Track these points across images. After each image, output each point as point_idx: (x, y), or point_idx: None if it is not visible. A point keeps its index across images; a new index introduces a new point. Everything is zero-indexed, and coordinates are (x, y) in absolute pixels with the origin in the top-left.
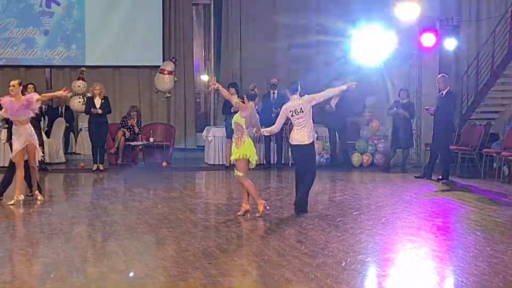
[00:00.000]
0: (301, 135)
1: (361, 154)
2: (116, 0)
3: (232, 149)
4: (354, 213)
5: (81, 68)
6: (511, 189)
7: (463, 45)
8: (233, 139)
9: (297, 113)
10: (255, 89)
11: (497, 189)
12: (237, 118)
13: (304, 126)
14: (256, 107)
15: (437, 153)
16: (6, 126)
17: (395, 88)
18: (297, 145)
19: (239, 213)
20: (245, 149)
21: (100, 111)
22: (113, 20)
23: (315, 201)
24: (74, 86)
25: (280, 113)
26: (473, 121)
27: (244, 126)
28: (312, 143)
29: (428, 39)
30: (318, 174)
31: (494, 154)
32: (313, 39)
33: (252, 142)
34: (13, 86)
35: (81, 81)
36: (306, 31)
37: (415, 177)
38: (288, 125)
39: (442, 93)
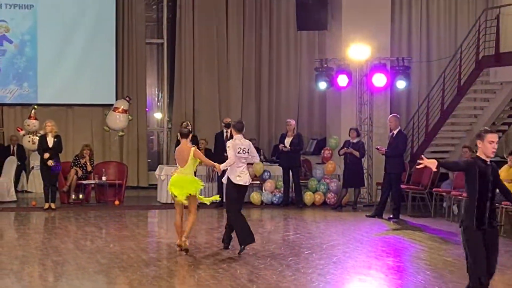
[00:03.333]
0: (247, 176)
1: (313, 192)
2: (69, 39)
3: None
4: (306, 252)
5: (33, 106)
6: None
7: (414, 85)
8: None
9: (244, 152)
10: (188, 127)
11: (447, 228)
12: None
13: (245, 167)
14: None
15: (387, 192)
16: None
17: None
18: (243, 185)
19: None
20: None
21: (52, 163)
22: (66, 58)
23: (268, 240)
24: (27, 125)
25: (230, 147)
26: None
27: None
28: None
29: (379, 79)
30: (270, 213)
31: (444, 194)
32: (266, 78)
33: (177, 178)
34: None
35: (32, 119)
36: (260, 71)
37: (366, 216)
38: None
39: (393, 133)
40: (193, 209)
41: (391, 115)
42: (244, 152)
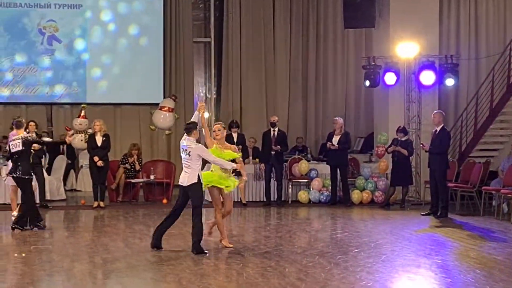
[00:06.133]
0: (182, 176)
1: (361, 191)
2: (117, 38)
3: None
4: (354, 251)
5: (82, 105)
6: (510, 226)
7: (462, 83)
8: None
9: (184, 153)
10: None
11: (496, 227)
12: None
13: (187, 167)
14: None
15: (435, 189)
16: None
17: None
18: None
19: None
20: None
21: (101, 163)
22: (114, 58)
23: (315, 238)
24: (76, 124)
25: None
26: (472, 159)
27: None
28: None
29: (427, 77)
30: (318, 211)
31: (494, 192)
32: (313, 76)
33: (210, 173)
34: None
35: (82, 118)
36: (307, 69)
37: (421, 214)
38: (288, 162)
39: (437, 130)
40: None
41: (435, 111)
42: (184, 153)
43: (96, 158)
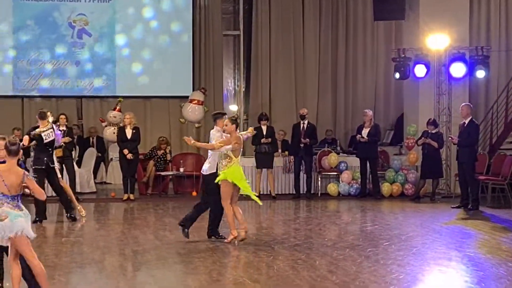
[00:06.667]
0: (204, 164)
1: (391, 184)
2: (147, 31)
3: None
4: (384, 244)
5: (119, 99)
6: None
7: (492, 75)
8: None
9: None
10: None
11: None
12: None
13: (209, 157)
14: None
15: (463, 181)
16: None
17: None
18: None
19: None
20: (229, 173)
21: (131, 156)
22: (143, 51)
23: (345, 231)
24: (110, 116)
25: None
26: (503, 151)
27: (231, 154)
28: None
29: (458, 69)
30: (348, 204)
31: None
32: (342, 68)
33: (240, 170)
34: None
35: (116, 111)
36: (336, 62)
37: (452, 207)
38: (317, 155)
39: (465, 122)
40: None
41: (463, 104)
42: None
43: (126, 151)
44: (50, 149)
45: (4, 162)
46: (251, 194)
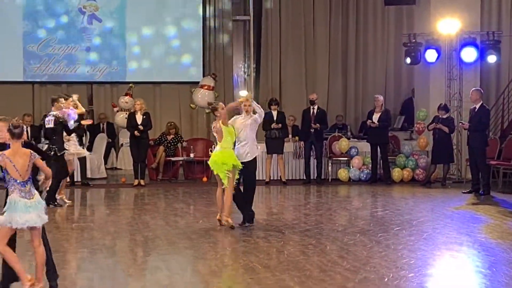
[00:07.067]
0: None
1: (402, 169)
2: (157, 17)
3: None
4: (395, 229)
5: (130, 85)
6: None
7: (504, 60)
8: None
9: None
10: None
11: None
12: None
13: None
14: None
15: (475, 166)
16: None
17: None
18: None
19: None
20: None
21: (139, 132)
22: (153, 36)
23: (356, 216)
24: (122, 102)
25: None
26: None
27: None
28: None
29: (469, 54)
30: (358, 189)
31: None
32: (353, 53)
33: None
34: None
35: (128, 97)
36: (346, 47)
37: (463, 192)
38: (328, 140)
39: (476, 107)
40: (231, 184)
41: (472, 89)
42: None
43: (136, 132)
44: (54, 136)
45: (4, 144)
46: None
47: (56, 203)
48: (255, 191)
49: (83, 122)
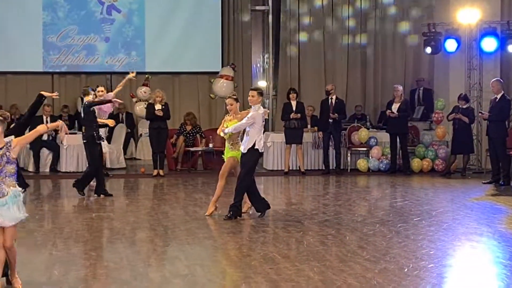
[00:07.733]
0: None
1: (421, 159)
2: (176, 7)
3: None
4: (415, 219)
5: (146, 75)
6: None
7: None
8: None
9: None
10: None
11: None
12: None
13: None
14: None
15: (494, 157)
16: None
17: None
18: None
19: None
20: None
21: (161, 113)
22: (172, 27)
23: (375, 206)
24: (140, 92)
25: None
26: None
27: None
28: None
29: (489, 44)
30: (377, 180)
31: None
32: (372, 43)
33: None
34: None
35: (145, 87)
36: (366, 36)
37: (483, 183)
38: (347, 130)
39: (496, 97)
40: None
41: (493, 80)
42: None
43: (157, 112)
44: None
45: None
46: None
47: (106, 192)
48: (242, 184)
49: (107, 122)
